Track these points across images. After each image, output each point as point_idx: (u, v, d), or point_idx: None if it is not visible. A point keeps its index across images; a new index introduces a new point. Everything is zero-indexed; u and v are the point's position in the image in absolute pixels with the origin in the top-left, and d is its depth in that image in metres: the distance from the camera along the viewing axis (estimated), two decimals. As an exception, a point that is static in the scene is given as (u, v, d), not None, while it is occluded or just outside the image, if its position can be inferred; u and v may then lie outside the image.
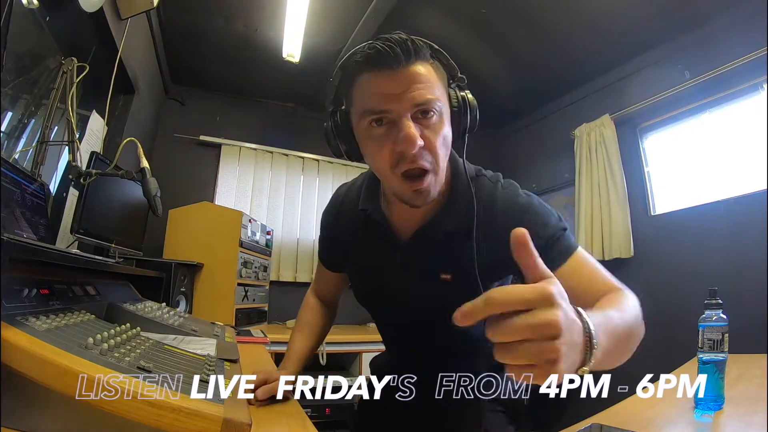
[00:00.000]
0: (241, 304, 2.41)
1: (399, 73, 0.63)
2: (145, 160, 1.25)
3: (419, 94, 0.63)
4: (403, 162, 0.65)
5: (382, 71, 0.63)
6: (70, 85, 1.39)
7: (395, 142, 0.64)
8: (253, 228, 2.64)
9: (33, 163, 1.36)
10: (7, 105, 1.40)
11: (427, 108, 0.65)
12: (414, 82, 0.64)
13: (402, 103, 0.63)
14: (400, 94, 0.63)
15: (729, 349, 0.83)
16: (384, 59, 0.63)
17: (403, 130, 0.63)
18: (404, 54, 0.63)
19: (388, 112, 0.64)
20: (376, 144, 0.67)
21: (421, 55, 0.65)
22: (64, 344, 0.52)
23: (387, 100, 0.64)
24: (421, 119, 0.65)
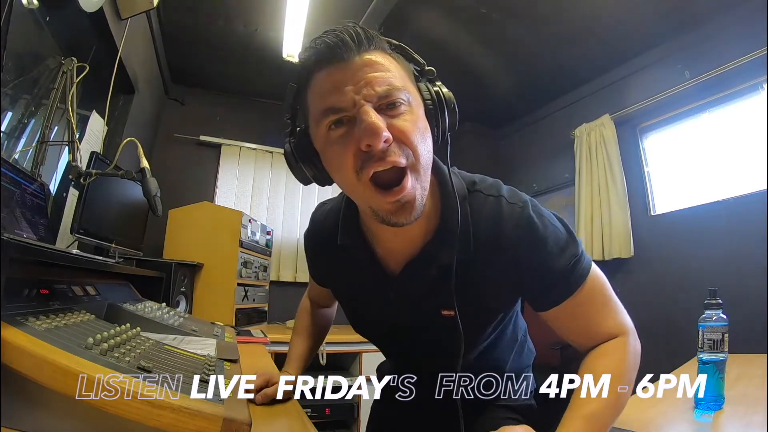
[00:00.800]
0: (241, 304, 2.41)
1: (352, 62, 0.54)
2: (145, 160, 1.25)
3: (377, 80, 0.54)
4: (369, 162, 0.53)
5: (333, 65, 0.55)
6: (70, 85, 1.39)
7: (358, 136, 0.53)
8: (253, 228, 2.64)
9: (33, 163, 1.36)
10: (7, 105, 1.40)
11: (391, 95, 0.54)
12: (370, 70, 0.54)
13: (357, 92, 0.53)
14: (355, 85, 0.53)
15: (729, 349, 0.83)
16: (334, 51, 0.54)
17: (362, 118, 0.52)
18: (355, 42, 0.55)
19: (344, 108, 0.54)
20: (338, 148, 0.55)
21: (375, 44, 0.57)
22: (64, 344, 0.52)
23: (341, 95, 0.54)
24: (386, 111, 0.54)
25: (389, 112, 0.54)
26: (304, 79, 0.59)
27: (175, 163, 3.07)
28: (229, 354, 0.87)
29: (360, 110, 0.53)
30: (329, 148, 0.57)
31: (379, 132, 0.51)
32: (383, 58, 0.57)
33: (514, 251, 0.63)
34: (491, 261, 0.64)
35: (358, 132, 0.53)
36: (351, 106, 0.53)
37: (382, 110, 0.54)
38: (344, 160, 0.55)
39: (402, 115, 0.55)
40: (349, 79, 0.54)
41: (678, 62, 2.46)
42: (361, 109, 0.53)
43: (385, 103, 0.54)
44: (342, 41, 0.54)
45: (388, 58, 0.58)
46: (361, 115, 0.52)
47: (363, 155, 0.53)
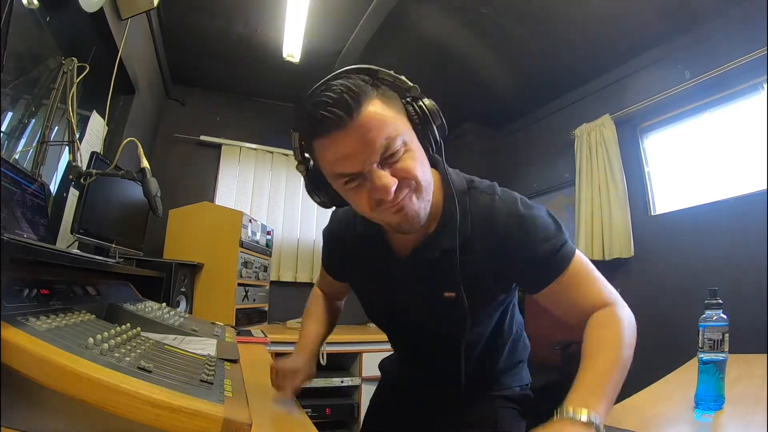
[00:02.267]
0: (242, 304, 2.41)
1: (350, 130, 0.60)
2: (145, 160, 1.25)
3: (376, 142, 0.61)
4: (383, 203, 0.64)
5: (332, 135, 0.61)
6: (71, 86, 1.39)
7: (372, 190, 0.64)
8: (254, 228, 2.64)
9: (33, 163, 1.36)
10: (8, 105, 1.40)
11: (391, 149, 0.62)
12: (368, 133, 0.61)
13: (364, 159, 0.62)
14: (359, 152, 0.61)
15: (729, 349, 0.83)
16: (330, 124, 0.60)
17: (374, 181, 0.62)
18: (346, 111, 0.60)
19: (355, 173, 0.63)
20: (354, 195, 0.66)
21: (364, 99, 0.61)
22: (64, 344, 0.52)
23: (349, 162, 0.62)
24: (389, 160, 0.63)
25: (391, 161, 0.63)
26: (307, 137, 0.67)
27: (175, 163, 3.07)
28: (230, 354, 0.87)
29: (369, 173, 0.62)
30: (347, 194, 0.68)
31: (388, 190, 0.62)
32: (373, 109, 0.62)
33: (506, 237, 0.72)
34: (486, 245, 0.73)
35: (370, 188, 0.63)
36: (360, 170, 0.62)
37: (386, 162, 0.63)
38: (361, 202, 0.66)
39: (402, 158, 0.64)
40: (350, 148, 0.61)
41: (678, 62, 2.46)
42: (369, 172, 0.62)
43: (387, 156, 0.63)
44: (335, 114, 0.59)
45: (376, 106, 0.63)
46: (372, 177, 0.62)
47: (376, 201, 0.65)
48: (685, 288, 2.28)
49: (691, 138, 2.50)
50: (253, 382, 0.79)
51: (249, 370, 0.82)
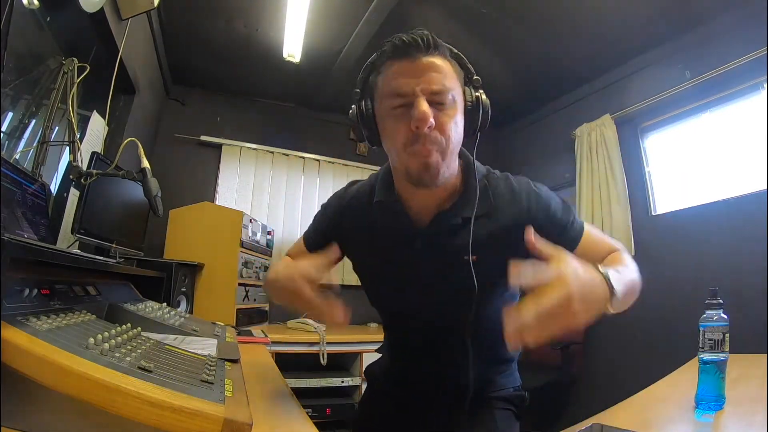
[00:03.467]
0: (242, 304, 2.41)
1: (418, 61, 0.69)
2: (145, 161, 1.25)
3: (434, 80, 0.69)
4: (416, 143, 0.69)
5: (404, 59, 0.70)
6: (71, 86, 1.39)
7: (411, 120, 0.68)
8: (254, 228, 2.64)
9: (34, 163, 1.36)
10: (8, 105, 1.40)
11: (442, 94, 0.69)
12: (430, 71, 0.70)
13: (418, 84, 0.68)
14: (417, 79, 0.69)
15: (730, 349, 0.83)
16: (407, 49, 0.69)
17: (417, 108, 0.67)
18: (425, 46, 0.69)
19: (406, 94, 0.69)
20: (395, 123, 0.71)
21: (440, 51, 0.72)
22: (64, 344, 0.52)
23: (406, 83, 0.69)
24: (436, 104, 0.69)
25: (437, 105, 0.70)
26: (378, 62, 0.75)
27: (175, 164, 3.07)
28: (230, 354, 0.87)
29: (417, 99, 0.68)
30: (388, 121, 0.73)
31: (426, 119, 0.67)
32: (442, 62, 0.72)
33: (529, 207, 0.79)
34: (509, 214, 0.79)
35: (412, 114, 0.68)
36: (411, 93, 0.69)
37: (433, 103, 0.69)
38: (398, 132, 0.71)
39: (446, 110, 0.71)
40: (413, 73, 0.69)
41: (678, 62, 2.46)
42: (417, 98, 0.68)
43: (435, 98, 0.69)
44: (415, 42, 0.69)
45: (446, 63, 0.73)
46: (417, 103, 0.68)
47: (412, 134, 0.69)
48: (685, 288, 2.28)
49: (691, 138, 2.50)
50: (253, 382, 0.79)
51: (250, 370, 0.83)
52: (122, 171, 1.26)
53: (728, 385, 0.84)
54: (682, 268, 2.35)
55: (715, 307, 0.84)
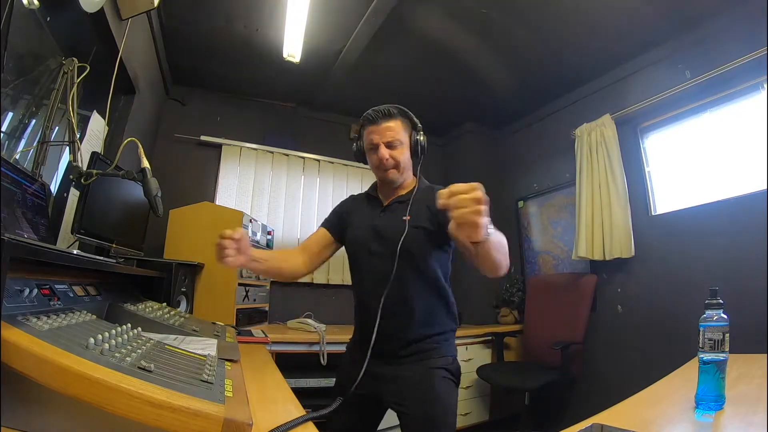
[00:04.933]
0: (242, 304, 2.42)
1: (380, 125, 1.27)
2: (145, 160, 1.25)
3: (389, 136, 1.26)
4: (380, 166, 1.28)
5: (372, 124, 1.28)
6: (71, 86, 1.39)
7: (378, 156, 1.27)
8: (254, 228, 2.64)
9: (34, 163, 1.36)
10: (8, 105, 1.40)
11: (393, 143, 1.27)
12: (387, 131, 1.26)
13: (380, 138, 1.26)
14: (380, 136, 1.27)
15: (729, 349, 0.83)
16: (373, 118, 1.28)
17: (380, 150, 1.27)
18: (384, 116, 1.27)
19: (376, 144, 1.27)
20: (371, 155, 1.30)
21: (393, 117, 1.28)
22: (65, 344, 0.52)
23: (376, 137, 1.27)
24: (391, 148, 1.27)
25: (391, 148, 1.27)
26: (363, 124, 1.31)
27: (175, 163, 3.07)
28: (230, 354, 0.87)
29: (380, 147, 1.26)
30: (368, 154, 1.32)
31: (385, 158, 1.26)
32: (395, 123, 1.28)
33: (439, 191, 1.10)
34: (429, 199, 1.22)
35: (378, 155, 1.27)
36: (377, 144, 1.27)
37: (389, 147, 1.27)
38: (373, 161, 1.30)
39: (397, 150, 1.28)
40: (378, 132, 1.27)
41: (678, 62, 2.46)
42: (380, 146, 1.27)
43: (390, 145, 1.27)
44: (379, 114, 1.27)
45: (398, 123, 1.28)
46: (380, 149, 1.27)
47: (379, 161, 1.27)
48: (685, 288, 2.28)
49: (691, 138, 2.50)
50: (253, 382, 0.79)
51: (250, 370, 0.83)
52: (122, 171, 1.26)
53: (728, 385, 0.84)
54: (682, 268, 2.35)
55: (715, 307, 0.84)
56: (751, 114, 2.15)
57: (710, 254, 2.21)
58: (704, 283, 1.34)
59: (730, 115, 2.30)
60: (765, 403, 0.82)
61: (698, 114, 2.45)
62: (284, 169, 3.39)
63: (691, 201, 2.41)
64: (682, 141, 2.54)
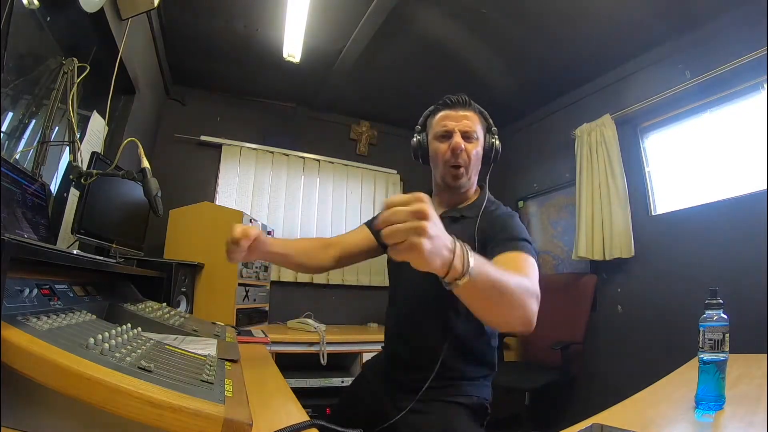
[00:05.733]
0: (242, 304, 2.42)
1: (460, 111, 1.14)
2: (145, 160, 1.25)
3: (466, 125, 1.12)
4: (452, 158, 1.11)
5: (450, 109, 1.15)
6: (71, 86, 1.39)
7: (450, 145, 1.11)
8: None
9: (34, 163, 1.36)
10: (8, 105, 1.40)
11: (469, 134, 1.12)
12: (464, 119, 1.13)
13: (457, 125, 1.12)
14: (458, 120, 1.13)
15: (730, 349, 0.83)
16: (453, 103, 1.15)
17: (455, 137, 1.11)
18: (462, 104, 1.15)
19: (450, 130, 1.12)
20: (440, 145, 1.14)
21: (471, 108, 1.15)
22: (64, 344, 0.52)
23: (451, 122, 1.13)
24: (465, 139, 1.12)
25: (466, 140, 1.12)
26: (434, 110, 1.19)
27: (175, 163, 3.07)
28: (230, 354, 0.87)
29: (455, 134, 1.12)
30: (437, 145, 1.15)
31: (460, 146, 1.11)
32: (472, 114, 1.15)
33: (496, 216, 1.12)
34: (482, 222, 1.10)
35: (452, 142, 1.11)
36: (452, 130, 1.12)
37: (464, 137, 1.12)
38: (441, 152, 1.14)
39: (471, 143, 1.13)
40: (454, 119, 1.13)
41: (678, 62, 2.46)
42: (455, 134, 1.12)
43: (466, 135, 1.12)
44: (456, 101, 1.15)
45: (474, 115, 1.15)
46: (455, 136, 1.12)
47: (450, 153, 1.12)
48: (685, 288, 2.28)
49: (691, 138, 2.50)
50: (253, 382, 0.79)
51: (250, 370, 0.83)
52: (122, 171, 1.26)
53: (728, 385, 0.84)
54: (682, 268, 2.35)
55: (715, 307, 0.84)
56: (751, 114, 2.15)
57: (710, 254, 2.21)
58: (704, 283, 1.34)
59: (730, 115, 2.30)
60: (765, 403, 0.82)
61: (698, 114, 2.45)
62: (284, 169, 3.39)
63: (691, 201, 2.41)
64: (682, 141, 2.54)
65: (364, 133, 3.74)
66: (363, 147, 3.74)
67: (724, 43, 2.23)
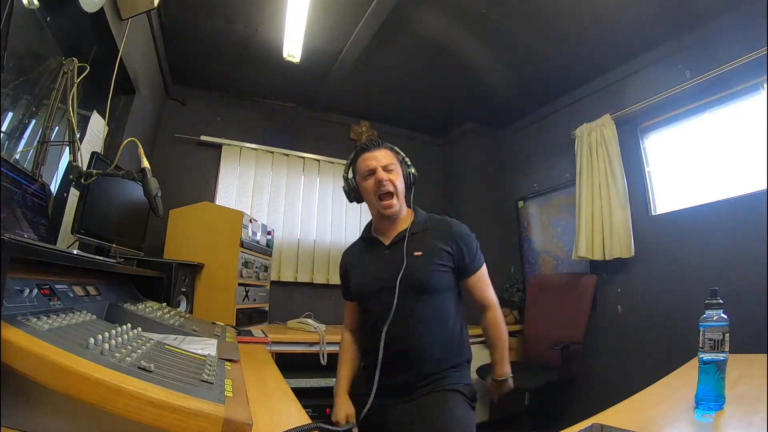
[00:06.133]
0: (242, 304, 2.41)
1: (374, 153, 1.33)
2: (145, 160, 1.25)
3: (383, 160, 1.31)
4: (379, 188, 1.30)
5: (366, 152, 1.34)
6: (71, 86, 1.39)
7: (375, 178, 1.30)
8: (254, 228, 2.64)
9: (34, 163, 1.36)
10: (8, 105, 1.40)
11: (388, 166, 1.31)
12: (381, 157, 1.32)
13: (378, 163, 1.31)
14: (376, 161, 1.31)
15: (729, 349, 0.83)
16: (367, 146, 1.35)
17: (378, 173, 1.30)
18: (376, 145, 1.35)
19: (373, 169, 1.31)
20: (367, 183, 1.32)
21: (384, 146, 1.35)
22: (64, 344, 0.52)
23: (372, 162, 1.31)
24: (386, 171, 1.30)
25: (387, 172, 1.31)
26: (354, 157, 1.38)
27: (175, 163, 3.07)
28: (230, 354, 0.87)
29: (377, 170, 1.30)
30: (364, 183, 1.33)
31: (383, 178, 1.29)
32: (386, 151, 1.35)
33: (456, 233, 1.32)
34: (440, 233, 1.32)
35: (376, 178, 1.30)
36: (374, 168, 1.30)
37: (385, 170, 1.30)
38: (369, 188, 1.32)
39: (392, 174, 1.31)
40: (373, 158, 1.32)
41: (678, 62, 2.46)
42: (376, 169, 1.30)
43: (385, 168, 1.31)
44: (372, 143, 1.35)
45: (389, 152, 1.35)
46: (378, 172, 1.30)
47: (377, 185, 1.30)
48: (685, 288, 2.28)
49: (691, 138, 2.50)
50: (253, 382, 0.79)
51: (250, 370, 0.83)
52: (122, 171, 1.25)
53: (728, 385, 0.84)
54: (682, 268, 2.35)
55: (715, 307, 0.84)
56: (751, 114, 2.15)
57: (710, 254, 2.21)
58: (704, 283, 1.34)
59: (730, 115, 2.30)
60: (765, 403, 0.82)
61: (698, 114, 2.45)
62: (284, 169, 3.39)
63: (691, 201, 2.41)
64: (682, 141, 2.54)
65: (364, 133, 3.74)
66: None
67: (724, 43, 2.23)
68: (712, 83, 2.26)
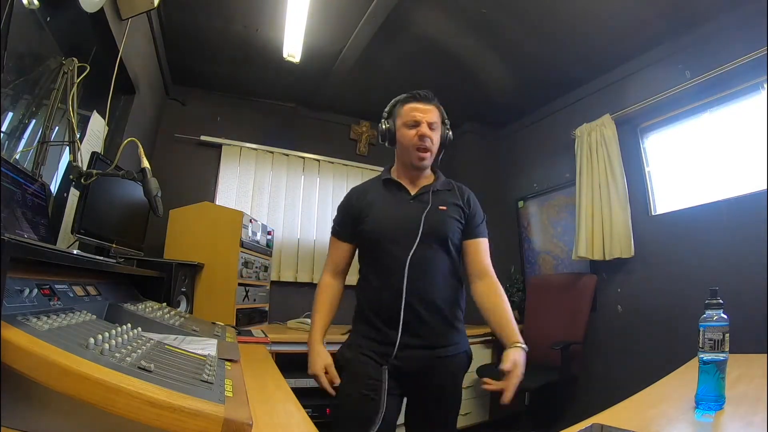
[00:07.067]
0: (242, 304, 2.42)
1: (424, 105, 1.31)
2: (145, 160, 1.25)
3: (431, 116, 1.31)
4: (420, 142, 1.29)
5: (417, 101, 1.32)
6: (71, 86, 1.39)
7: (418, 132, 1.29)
8: (254, 228, 2.64)
9: (34, 163, 1.36)
10: (8, 105, 1.40)
11: (433, 124, 1.31)
12: (429, 112, 1.31)
13: (424, 116, 1.30)
14: (425, 112, 1.30)
15: (729, 349, 0.83)
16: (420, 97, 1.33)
17: (422, 128, 1.29)
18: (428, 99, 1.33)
19: (417, 120, 1.29)
20: (408, 132, 1.30)
21: (434, 103, 1.33)
22: (64, 344, 0.52)
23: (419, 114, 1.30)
24: (430, 127, 1.30)
25: (431, 128, 1.30)
26: (402, 101, 1.36)
27: (175, 163, 3.07)
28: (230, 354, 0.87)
29: (422, 123, 1.29)
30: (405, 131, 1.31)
31: (427, 132, 1.29)
32: (435, 108, 1.33)
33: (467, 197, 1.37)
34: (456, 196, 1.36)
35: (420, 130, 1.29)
36: (420, 121, 1.29)
37: (430, 127, 1.30)
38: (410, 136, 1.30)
39: (434, 131, 1.31)
40: (422, 111, 1.31)
41: (678, 62, 2.46)
42: (422, 123, 1.29)
43: (430, 125, 1.30)
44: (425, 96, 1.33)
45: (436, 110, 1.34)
46: (421, 126, 1.29)
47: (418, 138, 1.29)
48: (685, 288, 2.28)
49: (691, 138, 2.50)
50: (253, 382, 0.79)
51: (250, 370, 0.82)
52: (122, 171, 1.25)
53: (728, 385, 0.84)
54: (682, 268, 2.35)
55: (715, 307, 0.84)
56: (751, 114, 2.15)
57: (710, 254, 2.21)
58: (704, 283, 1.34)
59: (730, 115, 2.30)
60: (765, 403, 0.82)
61: (698, 114, 2.45)
62: (284, 169, 3.39)
63: (691, 201, 2.41)
64: (682, 141, 2.54)
65: (364, 133, 3.74)
66: (363, 147, 3.74)
67: (724, 43, 2.23)
68: (712, 83, 2.26)
